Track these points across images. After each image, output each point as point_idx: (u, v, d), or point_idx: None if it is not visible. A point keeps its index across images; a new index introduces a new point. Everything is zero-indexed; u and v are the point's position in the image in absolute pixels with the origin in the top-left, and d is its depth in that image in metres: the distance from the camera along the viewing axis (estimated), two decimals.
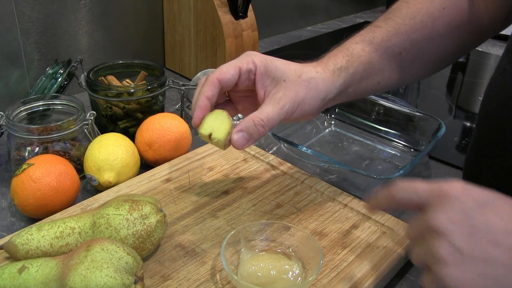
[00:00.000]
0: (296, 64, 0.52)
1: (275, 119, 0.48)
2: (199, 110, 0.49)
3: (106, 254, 0.40)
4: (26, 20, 0.78)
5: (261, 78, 0.50)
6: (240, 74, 0.50)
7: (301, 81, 0.50)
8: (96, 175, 0.60)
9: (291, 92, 0.49)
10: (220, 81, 0.49)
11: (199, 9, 0.88)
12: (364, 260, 0.50)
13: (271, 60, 0.51)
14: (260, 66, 0.50)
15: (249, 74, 0.50)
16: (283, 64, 0.51)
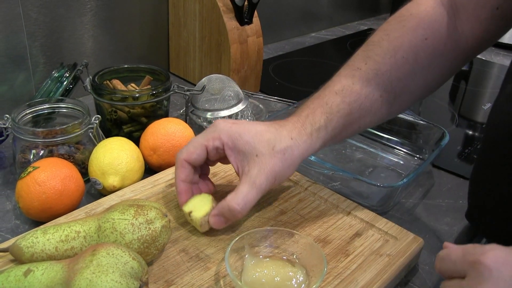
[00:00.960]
0: (270, 132, 0.51)
1: (252, 200, 0.49)
2: (181, 195, 0.53)
3: (112, 259, 0.40)
4: (32, 23, 0.79)
5: (231, 154, 0.51)
6: (207, 151, 0.52)
7: (275, 154, 0.49)
8: (101, 179, 0.60)
9: (265, 168, 0.49)
10: (188, 161, 0.52)
11: (205, 15, 0.89)
12: (367, 268, 0.50)
13: (240, 134, 0.50)
14: (228, 142, 0.51)
15: (217, 150, 0.51)
16: (254, 137, 0.50)
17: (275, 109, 0.92)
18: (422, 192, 0.70)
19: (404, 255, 0.52)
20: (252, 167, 0.49)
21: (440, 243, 0.60)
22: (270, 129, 0.51)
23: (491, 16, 0.54)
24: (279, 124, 0.53)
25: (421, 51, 0.55)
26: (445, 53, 0.56)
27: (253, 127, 0.51)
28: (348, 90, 0.54)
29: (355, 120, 0.55)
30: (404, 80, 0.56)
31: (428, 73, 0.57)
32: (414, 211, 0.66)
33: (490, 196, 0.55)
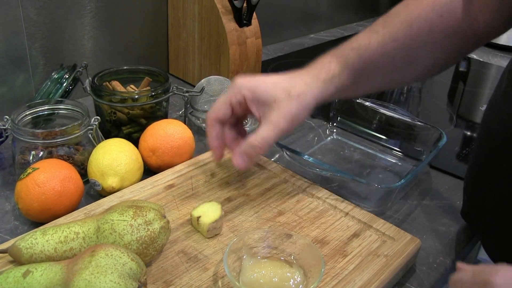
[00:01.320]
0: (285, 80, 0.55)
1: (271, 140, 0.54)
2: (214, 151, 0.58)
3: (111, 260, 0.41)
4: (32, 25, 0.79)
5: (252, 104, 0.55)
6: (232, 107, 0.56)
7: (291, 98, 0.54)
8: (100, 180, 0.60)
9: (283, 111, 0.53)
10: (217, 119, 0.56)
11: (204, 16, 0.89)
12: (365, 268, 0.51)
13: (259, 85, 0.55)
14: (248, 94, 0.54)
15: (240, 104, 0.55)
16: (271, 86, 0.54)
17: None
18: (419, 193, 0.70)
19: (402, 256, 0.53)
20: (271, 112, 0.54)
21: (438, 244, 0.61)
22: (285, 78, 0.55)
23: (499, 6, 0.56)
24: (294, 73, 0.56)
25: (435, 27, 0.57)
26: (458, 33, 0.58)
27: (269, 79, 0.55)
28: (364, 47, 0.57)
29: (368, 77, 0.59)
30: (417, 50, 0.58)
31: (440, 50, 0.59)
32: (412, 212, 0.66)
33: (487, 195, 0.56)
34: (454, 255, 0.59)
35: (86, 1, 0.85)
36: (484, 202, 0.57)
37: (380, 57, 0.58)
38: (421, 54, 0.59)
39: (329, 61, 0.57)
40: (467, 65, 1.34)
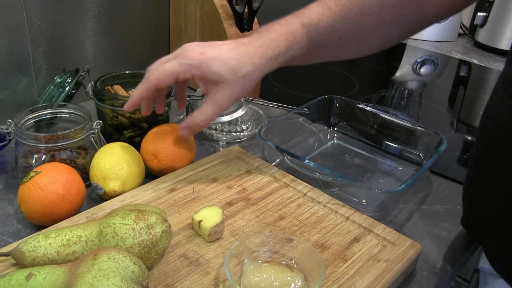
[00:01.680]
0: (234, 59, 0.57)
1: (213, 118, 0.59)
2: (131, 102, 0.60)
3: (113, 263, 0.41)
4: (35, 29, 0.79)
5: (201, 82, 0.59)
6: (176, 80, 0.58)
7: (237, 79, 0.57)
8: (102, 184, 0.61)
9: (228, 92, 0.57)
10: (157, 86, 0.58)
11: (205, 21, 0.90)
12: (365, 273, 0.51)
13: (208, 65, 0.56)
14: (198, 73, 0.57)
15: (187, 79, 0.58)
16: (221, 66, 0.56)
17: (274, 114, 0.92)
18: (420, 197, 0.71)
19: (402, 261, 0.53)
20: (216, 91, 0.58)
21: (438, 249, 0.61)
22: (234, 55, 0.57)
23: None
24: (244, 48, 0.58)
25: (386, 8, 0.60)
26: (408, 14, 0.61)
27: (220, 56, 0.57)
28: (314, 25, 0.60)
29: (314, 53, 0.62)
30: (366, 30, 0.61)
31: (388, 30, 0.62)
32: (412, 217, 0.66)
33: (486, 203, 0.56)
34: (454, 260, 0.60)
35: (88, 6, 0.86)
36: (483, 210, 0.57)
37: (328, 37, 0.61)
38: (370, 33, 0.62)
39: (278, 36, 0.59)
40: (468, 70, 1.35)
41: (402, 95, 1.12)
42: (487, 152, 0.55)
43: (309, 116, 0.84)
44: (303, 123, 0.84)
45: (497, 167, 0.53)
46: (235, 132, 0.81)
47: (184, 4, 0.94)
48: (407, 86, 1.18)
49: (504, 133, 0.51)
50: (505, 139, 0.51)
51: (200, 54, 0.57)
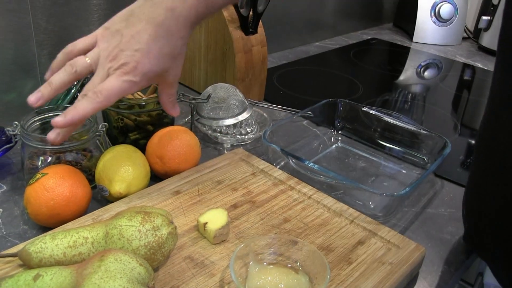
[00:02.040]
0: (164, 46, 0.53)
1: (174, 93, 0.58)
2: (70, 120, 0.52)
3: (120, 265, 0.41)
4: (42, 32, 0.80)
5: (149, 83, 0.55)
6: None
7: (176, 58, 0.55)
8: (107, 186, 0.61)
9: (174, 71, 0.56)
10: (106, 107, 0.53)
11: (210, 25, 0.90)
12: (369, 276, 0.51)
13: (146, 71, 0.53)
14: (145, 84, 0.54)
15: None
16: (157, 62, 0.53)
17: (279, 117, 0.93)
18: (424, 201, 0.71)
19: (406, 264, 0.53)
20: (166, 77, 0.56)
21: (442, 252, 0.61)
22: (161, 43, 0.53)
23: None
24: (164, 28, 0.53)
25: None
26: None
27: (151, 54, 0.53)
28: None
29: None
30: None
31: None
32: (416, 220, 0.66)
33: (487, 201, 0.55)
34: (458, 264, 0.60)
35: (94, 9, 0.86)
36: (484, 210, 0.57)
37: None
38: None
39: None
40: (472, 74, 1.35)
41: (406, 99, 1.12)
42: (488, 152, 0.54)
43: (313, 119, 0.84)
44: (308, 126, 0.84)
45: (497, 167, 0.53)
46: (239, 135, 0.81)
47: None
48: (411, 90, 1.18)
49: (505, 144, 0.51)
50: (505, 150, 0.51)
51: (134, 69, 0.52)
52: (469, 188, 0.60)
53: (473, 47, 1.57)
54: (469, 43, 1.61)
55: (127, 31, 0.53)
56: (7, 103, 0.80)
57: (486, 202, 0.56)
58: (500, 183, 0.52)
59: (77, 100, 0.53)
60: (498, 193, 0.53)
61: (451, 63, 1.41)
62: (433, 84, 1.24)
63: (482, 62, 1.42)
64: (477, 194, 0.58)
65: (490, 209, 0.55)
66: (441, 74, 1.33)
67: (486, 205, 0.56)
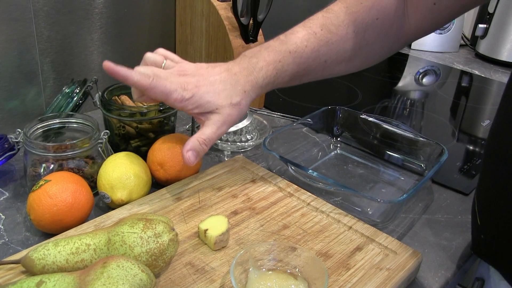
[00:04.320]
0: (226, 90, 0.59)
1: (214, 139, 0.60)
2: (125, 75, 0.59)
3: (122, 271, 0.42)
4: (44, 40, 0.81)
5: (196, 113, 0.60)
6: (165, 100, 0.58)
7: (232, 106, 0.59)
8: (109, 193, 0.62)
9: (225, 117, 0.59)
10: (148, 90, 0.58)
11: (211, 33, 0.92)
12: (367, 281, 0.52)
13: (201, 96, 0.58)
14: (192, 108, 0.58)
15: None
16: (214, 96, 0.58)
17: (279, 125, 0.94)
18: (421, 207, 0.72)
19: (404, 269, 0.54)
20: (214, 116, 0.59)
21: (439, 258, 0.62)
22: (226, 85, 0.59)
23: (430, 9, 0.61)
24: (235, 77, 0.60)
25: (370, 29, 0.62)
26: (389, 35, 0.63)
27: (213, 89, 0.59)
28: (300, 52, 0.62)
29: (299, 77, 0.65)
30: (349, 52, 0.64)
31: (371, 49, 0.65)
32: (414, 226, 0.67)
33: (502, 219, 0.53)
34: (455, 269, 0.60)
35: (96, 18, 0.87)
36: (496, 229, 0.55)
37: (313, 61, 0.63)
38: (353, 55, 0.64)
39: (266, 64, 0.61)
40: (469, 81, 1.36)
41: (405, 105, 1.13)
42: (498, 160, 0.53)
43: (312, 127, 0.85)
44: (307, 133, 0.85)
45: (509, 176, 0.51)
46: (240, 142, 0.82)
47: (190, 16, 0.96)
48: (409, 97, 1.20)
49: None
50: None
51: (194, 86, 0.58)
52: (479, 198, 0.58)
53: (470, 54, 1.59)
54: (466, 50, 1.63)
55: (207, 70, 0.61)
56: (10, 110, 0.81)
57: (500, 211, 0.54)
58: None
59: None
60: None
61: (449, 70, 1.42)
62: (431, 91, 1.25)
63: (479, 69, 1.43)
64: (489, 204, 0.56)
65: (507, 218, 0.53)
66: (439, 81, 1.35)
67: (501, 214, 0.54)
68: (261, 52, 0.62)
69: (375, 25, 0.62)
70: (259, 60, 0.61)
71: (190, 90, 0.58)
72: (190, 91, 0.58)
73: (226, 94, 0.59)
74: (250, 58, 0.62)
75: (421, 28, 0.64)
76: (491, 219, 0.57)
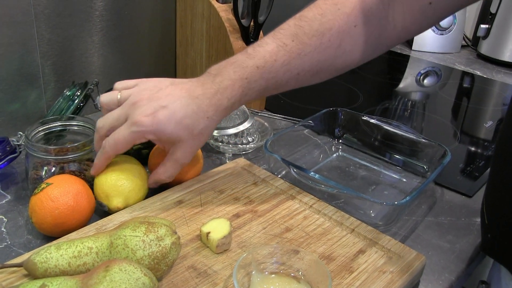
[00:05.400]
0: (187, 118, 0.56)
1: (175, 173, 0.61)
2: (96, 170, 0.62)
3: (124, 275, 0.42)
4: (45, 43, 0.81)
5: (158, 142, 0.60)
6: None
7: (194, 137, 0.58)
8: (105, 201, 0.61)
9: (186, 149, 0.59)
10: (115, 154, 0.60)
11: (212, 35, 0.91)
12: (371, 285, 0.52)
13: (163, 129, 0.56)
14: (153, 137, 0.57)
15: None
16: (175, 128, 0.56)
17: (280, 127, 0.93)
18: (424, 209, 0.71)
19: (407, 272, 0.54)
20: (175, 150, 0.59)
21: (443, 261, 0.61)
22: (188, 112, 0.56)
23: (423, 9, 0.56)
24: (197, 101, 0.57)
25: (347, 37, 0.58)
26: (369, 41, 0.59)
27: (173, 117, 0.56)
28: (268, 66, 0.58)
29: (269, 91, 0.61)
30: (324, 62, 0.59)
31: (348, 57, 0.60)
32: (417, 229, 0.67)
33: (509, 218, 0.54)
34: (459, 272, 0.60)
35: (97, 20, 0.87)
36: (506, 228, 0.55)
37: (283, 75, 0.59)
38: (329, 65, 0.60)
39: (232, 83, 0.57)
40: (471, 81, 1.36)
41: (406, 107, 1.13)
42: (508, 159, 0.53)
43: (314, 129, 0.85)
44: (308, 135, 0.85)
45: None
46: (241, 144, 0.82)
47: (190, 18, 0.95)
48: (410, 98, 1.19)
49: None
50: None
51: (152, 117, 0.55)
52: (487, 197, 0.59)
53: (472, 55, 1.59)
54: (468, 51, 1.63)
55: (167, 90, 0.58)
56: (11, 113, 0.81)
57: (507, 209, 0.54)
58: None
59: None
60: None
61: (450, 71, 1.42)
62: (432, 92, 1.25)
63: (481, 70, 1.43)
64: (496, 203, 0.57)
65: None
66: (440, 82, 1.34)
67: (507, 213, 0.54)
68: (226, 69, 0.58)
69: (353, 33, 0.57)
70: (223, 78, 0.57)
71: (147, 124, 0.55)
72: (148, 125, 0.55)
73: (187, 124, 0.56)
74: (215, 77, 0.58)
75: (408, 30, 0.59)
76: (498, 218, 0.57)
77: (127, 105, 0.58)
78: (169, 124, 0.56)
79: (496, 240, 0.57)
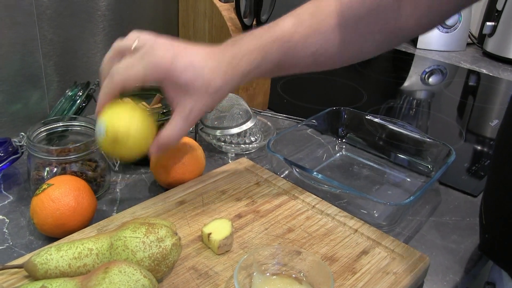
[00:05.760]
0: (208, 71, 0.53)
1: (185, 131, 0.56)
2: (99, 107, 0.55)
3: (124, 277, 0.41)
4: (47, 43, 0.81)
5: (169, 89, 0.54)
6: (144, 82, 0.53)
7: (208, 94, 0.54)
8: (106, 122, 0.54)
9: (198, 105, 0.54)
10: (122, 89, 0.53)
11: (214, 34, 0.91)
12: (374, 286, 0.51)
13: (181, 73, 0.52)
14: (167, 82, 0.53)
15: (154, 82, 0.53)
16: (192, 77, 0.53)
17: (283, 126, 0.93)
18: (429, 209, 0.71)
19: (411, 273, 0.53)
20: (186, 103, 0.54)
21: (447, 261, 0.61)
22: (208, 64, 0.53)
23: (428, 5, 0.56)
24: (218, 57, 0.55)
25: (362, 22, 0.57)
26: (383, 30, 0.58)
27: (193, 64, 0.53)
28: (286, 39, 0.57)
29: (284, 67, 0.60)
30: (339, 44, 0.58)
31: (363, 45, 0.60)
32: (421, 229, 0.66)
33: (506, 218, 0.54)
34: (463, 273, 0.59)
35: (99, 20, 0.87)
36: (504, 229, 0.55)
37: (300, 51, 0.58)
38: (343, 48, 0.59)
39: (250, 50, 0.56)
40: (477, 80, 1.34)
41: (411, 106, 1.12)
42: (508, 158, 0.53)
43: (317, 128, 0.84)
44: (312, 134, 0.85)
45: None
46: (244, 144, 0.81)
47: (193, 17, 0.95)
48: (415, 97, 1.18)
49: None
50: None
51: (171, 59, 0.52)
52: (486, 197, 0.59)
53: (478, 52, 1.57)
54: (473, 49, 1.61)
55: (187, 45, 0.55)
56: (13, 113, 0.81)
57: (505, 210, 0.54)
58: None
59: None
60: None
61: (456, 69, 1.40)
62: (437, 91, 1.24)
63: (487, 68, 1.42)
64: (494, 203, 0.56)
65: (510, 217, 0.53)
66: (445, 80, 1.33)
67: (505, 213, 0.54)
68: (243, 39, 0.57)
69: (368, 17, 0.57)
70: (242, 45, 0.56)
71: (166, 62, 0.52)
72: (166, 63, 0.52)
73: (204, 78, 0.53)
74: (233, 45, 0.56)
75: (418, 25, 0.59)
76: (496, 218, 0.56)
77: (145, 47, 0.53)
78: (187, 70, 0.52)
79: (495, 241, 0.57)
